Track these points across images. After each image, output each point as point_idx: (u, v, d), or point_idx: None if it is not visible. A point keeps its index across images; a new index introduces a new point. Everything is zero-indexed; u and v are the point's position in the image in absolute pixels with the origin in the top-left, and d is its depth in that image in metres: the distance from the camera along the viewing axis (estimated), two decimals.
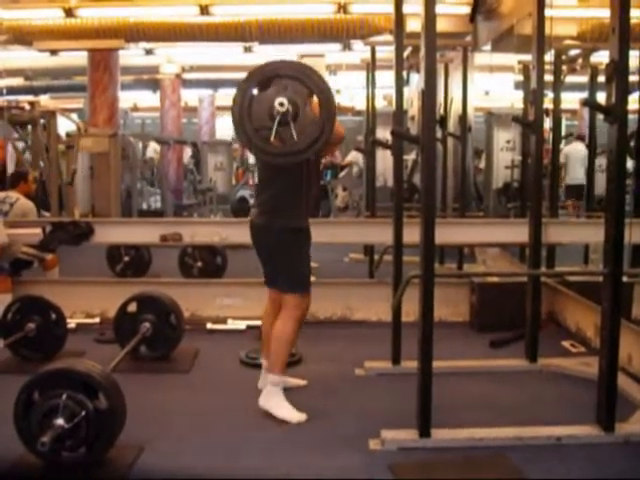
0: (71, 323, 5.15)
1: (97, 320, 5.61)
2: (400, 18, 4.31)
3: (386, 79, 6.56)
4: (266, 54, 12.72)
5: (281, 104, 3.13)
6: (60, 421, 2.89)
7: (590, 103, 3.32)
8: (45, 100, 15.73)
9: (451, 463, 3.16)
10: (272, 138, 3.21)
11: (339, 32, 9.22)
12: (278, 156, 3.36)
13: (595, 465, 3.16)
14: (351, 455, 3.24)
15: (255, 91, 3.28)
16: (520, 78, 7.74)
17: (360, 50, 10.22)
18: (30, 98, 13.12)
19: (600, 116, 5.82)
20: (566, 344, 5.03)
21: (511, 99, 14.34)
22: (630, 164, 5.89)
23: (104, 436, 3.00)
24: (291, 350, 3.85)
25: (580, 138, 11.51)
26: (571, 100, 11.59)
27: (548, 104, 5.83)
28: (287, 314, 3.72)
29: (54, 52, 11.56)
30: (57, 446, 2.89)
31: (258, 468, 3.14)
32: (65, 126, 10.33)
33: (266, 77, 3.26)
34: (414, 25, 4.77)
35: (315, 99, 3.29)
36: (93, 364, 3.16)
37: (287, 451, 3.32)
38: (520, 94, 7.73)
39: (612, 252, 3.25)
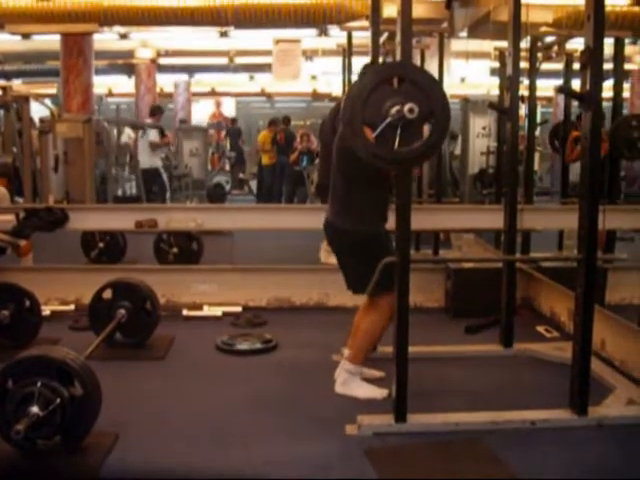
0: (46, 310, 5.10)
1: (72, 307, 5.57)
2: (377, 3, 4.30)
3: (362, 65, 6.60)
4: (242, 39, 12.69)
5: (411, 110, 2.89)
6: (35, 409, 2.87)
7: (565, 90, 3.33)
8: (17, 85, 15.52)
9: (426, 448, 3.18)
10: (373, 135, 2.96)
11: (315, 17, 9.17)
12: (380, 158, 3.06)
13: (569, 448, 3.20)
14: (328, 441, 3.25)
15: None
16: (496, 65, 7.76)
17: (336, 36, 10.19)
18: (2, 82, 12.95)
19: (575, 103, 5.87)
20: (540, 329, 5.08)
21: (487, 86, 14.44)
22: None
23: (79, 424, 2.98)
24: (374, 345, 3.91)
25: None
26: (546, 87, 11.67)
27: (524, 91, 5.86)
28: (381, 313, 3.70)
29: (26, 36, 11.41)
30: (32, 434, 2.87)
31: (234, 455, 3.14)
32: (38, 111, 10.19)
33: (394, 76, 3.05)
34: (391, 11, 4.78)
35: None
36: (68, 351, 3.13)
37: (263, 438, 3.31)
38: (496, 80, 7.77)
39: (586, 238, 3.28)
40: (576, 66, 7.50)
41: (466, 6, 7.79)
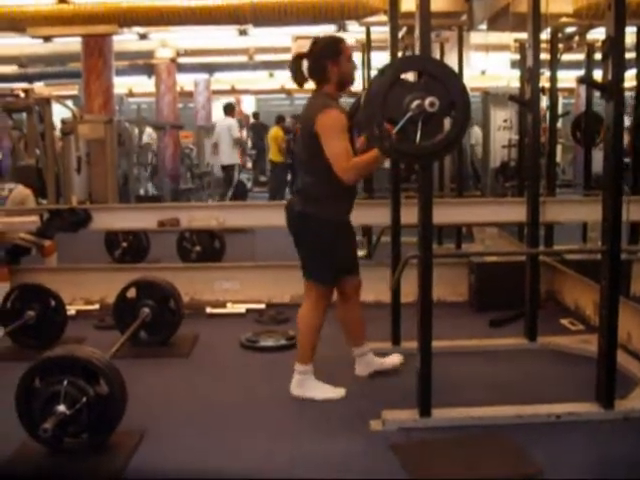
0: (71, 310, 5.15)
1: (97, 307, 5.62)
2: None
3: (381, 60, 6.63)
4: (261, 37, 12.69)
5: (432, 104, 2.86)
6: (62, 407, 2.90)
7: (586, 80, 3.30)
8: (39, 87, 15.65)
9: (452, 443, 3.16)
10: (394, 131, 2.93)
11: (334, 13, 9.15)
12: (403, 153, 3.08)
13: (596, 442, 3.18)
14: (353, 437, 3.24)
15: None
16: (516, 57, 7.70)
17: (355, 31, 10.14)
18: (24, 85, 13.07)
19: (597, 94, 5.80)
20: (565, 322, 5.04)
21: (508, 78, 14.32)
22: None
23: (105, 422, 3.02)
24: (317, 340, 3.79)
25: None
26: (568, 78, 11.54)
27: (545, 82, 5.80)
28: (312, 303, 3.71)
29: (47, 39, 11.50)
30: (59, 432, 2.90)
31: (260, 454, 3.14)
32: (59, 113, 10.28)
33: (412, 70, 3.05)
34: (409, 5, 4.75)
35: None
36: (93, 350, 3.17)
37: (289, 435, 3.32)
38: (517, 73, 7.70)
39: (610, 230, 3.25)
40: (598, 56, 7.44)
41: None
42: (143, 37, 12.38)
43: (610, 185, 3.25)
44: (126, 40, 12.52)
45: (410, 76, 3.10)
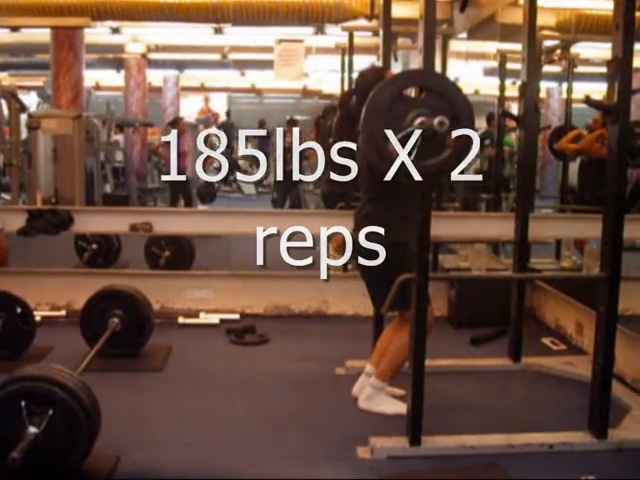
0: (36, 316, 4.90)
1: (63, 313, 5.39)
2: (388, 4, 4.15)
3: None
4: (234, 35, 12.47)
5: (441, 123, 2.71)
6: (32, 432, 2.71)
7: (591, 101, 3.20)
8: (4, 77, 15.23)
9: (446, 473, 3.04)
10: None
11: (314, 15, 9.01)
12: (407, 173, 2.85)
13: (591, 474, 3.07)
14: (339, 465, 3.10)
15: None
16: (491, 64, 7.67)
17: (332, 34, 10.02)
18: None
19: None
20: (546, 341, 4.97)
21: (475, 85, 14.38)
22: None
23: (79, 446, 2.81)
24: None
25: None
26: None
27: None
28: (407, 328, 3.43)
29: (15, 28, 11.16)
30: (30, 457, 2.70)
31: None
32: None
33: (415, 85, 2.91)
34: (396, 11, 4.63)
35: None
36: (61, 369, 2.94)
37: (271, 460, 3.16)
38: (490, 80, 7.66)
39: (610, 255, 3.15)
40: (578, 69, 7.43)
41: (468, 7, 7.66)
42: (115, 31, 12.03)
43: (611, 208, 3.15)
44: (96, 33, 12.18)
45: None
